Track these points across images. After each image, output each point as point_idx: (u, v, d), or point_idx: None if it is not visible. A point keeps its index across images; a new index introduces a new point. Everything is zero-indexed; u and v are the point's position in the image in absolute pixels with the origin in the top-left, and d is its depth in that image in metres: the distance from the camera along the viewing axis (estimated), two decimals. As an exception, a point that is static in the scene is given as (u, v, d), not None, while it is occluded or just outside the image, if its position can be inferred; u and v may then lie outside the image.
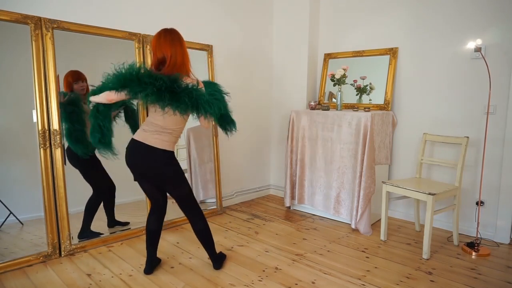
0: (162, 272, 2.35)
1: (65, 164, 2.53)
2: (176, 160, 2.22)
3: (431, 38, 3.12)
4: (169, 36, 2.09)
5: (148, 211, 2.92)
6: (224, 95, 2.23)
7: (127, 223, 2.94)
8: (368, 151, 2.99)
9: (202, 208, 3.40)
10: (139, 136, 2.12)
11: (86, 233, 2.71)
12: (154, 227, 2.31)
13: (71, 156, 2.61)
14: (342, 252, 2.70)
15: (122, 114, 2.82)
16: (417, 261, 2.55)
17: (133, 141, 2.14)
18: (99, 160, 2.77)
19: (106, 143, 2.19)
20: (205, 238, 2.32)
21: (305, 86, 3.86)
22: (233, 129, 2.42)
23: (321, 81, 3.89)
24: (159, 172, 2.14)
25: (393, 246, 2.81)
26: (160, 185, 2.26)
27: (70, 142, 2.57)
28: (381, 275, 2.34)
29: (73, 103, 2.59)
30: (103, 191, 2.82)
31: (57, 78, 2.47)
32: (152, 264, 2.35)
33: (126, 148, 2.16)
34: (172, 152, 2.19)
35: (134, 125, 2.86)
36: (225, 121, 2.38)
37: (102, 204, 2.84)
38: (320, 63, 3.95)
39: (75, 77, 2.62)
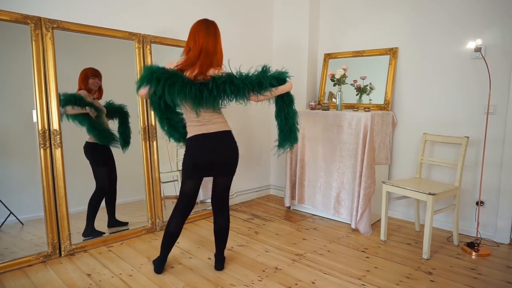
0: (162, 272, 2.35)
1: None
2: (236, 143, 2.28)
3: (431, 38, 3.13)
4: (206, 25, 2.12)
5: (171, 212, 2.78)
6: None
7: (126, 223, 2.94)
8: (368, 151, 2.99)
9: (202, 208, 3.46)
10: (202, 129, 2.12)
11: (88, 231, 2.72)
12: (175, 230, 2.26)
13: (87, 148, 2.71)
14: (342, 252, 2.70)
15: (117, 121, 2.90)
16: (417, 261, 2.55)
17: (200, 135, 2.13)
18: (112, 158, 2.84)
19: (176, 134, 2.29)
20: (224, 237, 2.35)
21: (305, 86, 3.86)
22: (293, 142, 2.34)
23: (321, 81, 3.89)
24: (232, 158, 2.23)
25: (393, 246, 2.81)
26: (223, 173, 2.25)
27: (94, 134, 2.70)
28: (381, 275, 2.34)
29: (80, 103, 2.66)
30: (105, 189, 2.84)
31: (57, 79, 2.48)
32: (163, 264, 2.36)
33: (192, 144, 2.16)
34: (231, 132, 2.25)
35: (125, 135, 2.91)
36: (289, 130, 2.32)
37: (104, 200, 2.88)
38: (320, 63, 3.95)
39: (94, 73, 2.72)
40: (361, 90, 3.54)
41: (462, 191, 3.00)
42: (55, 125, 2.46)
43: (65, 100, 2.56)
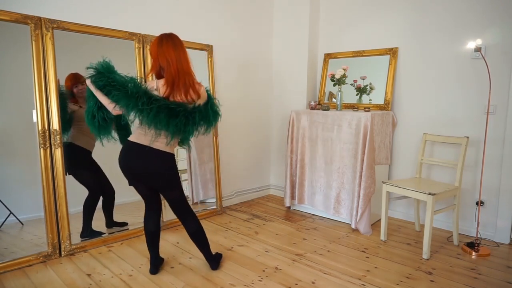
0: (162, 272, 2.35)
1: (66, 175, 2.54)
2: (175, 162, 2.21)
3: (431, 38, 3.12)
4: (171, 41, 2.06)
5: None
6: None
7: (125, 224, 2.94)
8: (368, 151, 2.99)
9: (202, 208, 3.46)
10: (138, 138, 2.08)
11: (87, 232, 2.72)
12: (154, 228, 2.29)
13: (66, 149, 2.60)
14: (342, 252, 2.70)
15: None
16: (417, 261, 2.55)
17: (131, 143, 2.08)
18: (91, 162, 2.77)
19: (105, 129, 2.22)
20: (200, 239, 2.31)
21: (305, 86, 3.86)
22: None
23: (321, 81, 3.89)
24: (158, 174, 2.12)
25: (393, 246, 2.81)
26: (156, 188, 2.22)
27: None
28: (381, 275, 2.34)
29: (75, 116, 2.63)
30: (96, 191, 2.78)
31: (57, 82, 2.47)
32: (157, 264, 2.35)
33: (122, 150, 2.12)
34: (173, 155, 2.17)
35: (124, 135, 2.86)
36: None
37: (101, 204, 2.84)
38: (320, 63, 3.95)
39: (74, 81, 2.62)
40: (361, 90, 3.54)
41: (462, 191, 3.00)
42: (55, 125, 2.46)
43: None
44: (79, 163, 2.72)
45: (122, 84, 1.98)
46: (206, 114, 2.13)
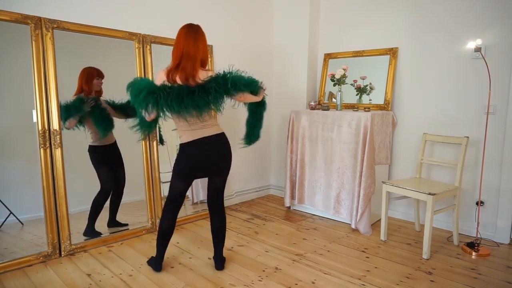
0: (162, 272, 2.35)
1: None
2: None
3: (431, 38, 3.13)
4: (186, 29, 2.15)
5: (161, 211, 2.80)
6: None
7: (126, 225, 2.94)
8: (368, 151, 2.99)
9: (202, 208, 3.46)
10: (201, 133, 2.15)
11: (88, 231, 2.72)
12: (172, 228, 2.31)
13: (89, 151, 2.71)
14: (342, 252, 2.70)
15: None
16: (417, 261, 2.55)
17: (197, 141, 2.13)
18: (117, 159, 2.84)
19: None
20: (222, 234, 2.36)
21: (305, 86, 3.86)
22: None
23: (321, 81, 3.89)
24: (229, 159, 2.30)
25: (393, 246, 2.81)
26: (220, 174, 2.30)
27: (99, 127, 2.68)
28: (381, 275, 2.34)
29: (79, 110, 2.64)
30: (108, 191, 2.83)
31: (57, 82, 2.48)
32: (162, 262, 2.38)
33: (189, 149, 2.16)
34: None
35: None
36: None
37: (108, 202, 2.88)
38: (320, 63, 3.95)
39: (99, 73, 2.71)
40: (361, 90, 3.54)
41: (462, 191, 3.00)
42: (55, 125, 2.46)
43: (67, 112, 2.55)
44: (98, 159, 2.77)
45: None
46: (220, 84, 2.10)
